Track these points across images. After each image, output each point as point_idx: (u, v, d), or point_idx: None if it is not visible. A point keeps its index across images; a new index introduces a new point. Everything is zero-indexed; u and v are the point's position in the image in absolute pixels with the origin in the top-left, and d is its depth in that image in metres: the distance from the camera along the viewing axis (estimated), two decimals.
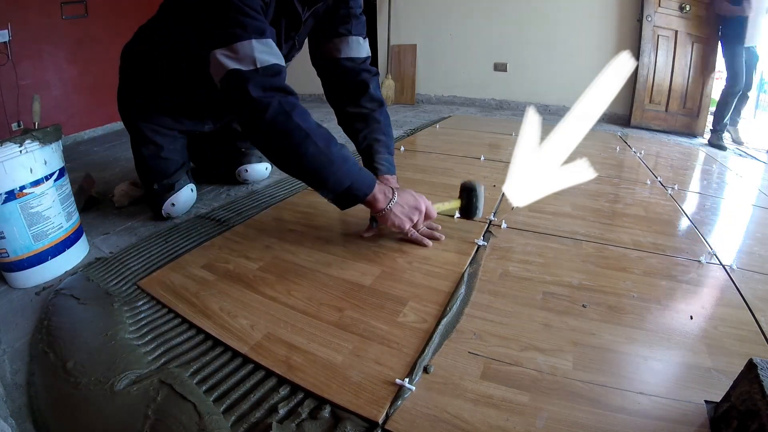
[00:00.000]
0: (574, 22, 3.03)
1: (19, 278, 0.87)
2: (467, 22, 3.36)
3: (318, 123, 0.80)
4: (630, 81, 2.91)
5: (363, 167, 0.85)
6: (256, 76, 0.74)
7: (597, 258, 0.95)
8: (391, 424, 0.52)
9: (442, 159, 1.76)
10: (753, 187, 1.64)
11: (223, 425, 0.53)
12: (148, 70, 1.10)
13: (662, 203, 1.32)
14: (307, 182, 0.83)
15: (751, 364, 0.49)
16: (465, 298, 0.79)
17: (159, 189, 1.16)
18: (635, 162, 1.86)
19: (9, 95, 2.29)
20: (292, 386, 0.59)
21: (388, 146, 1.03)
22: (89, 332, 0.71)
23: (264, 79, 0.75)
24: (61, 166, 0.94)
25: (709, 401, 0.55)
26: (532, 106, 3.40)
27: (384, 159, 1.01)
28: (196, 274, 0.87)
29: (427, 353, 0.64)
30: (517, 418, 0.53)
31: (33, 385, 0.62)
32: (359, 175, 0.82)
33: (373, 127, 1.03)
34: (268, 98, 0.75)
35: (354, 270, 0.88)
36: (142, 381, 0.60)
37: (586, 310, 0.76)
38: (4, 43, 2.23)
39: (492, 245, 1.00)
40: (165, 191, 1.16)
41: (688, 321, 0.73)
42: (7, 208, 0.81)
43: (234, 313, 0.74)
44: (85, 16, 2.60)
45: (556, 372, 0.61)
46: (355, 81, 1.01)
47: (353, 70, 1.01)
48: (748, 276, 0.89)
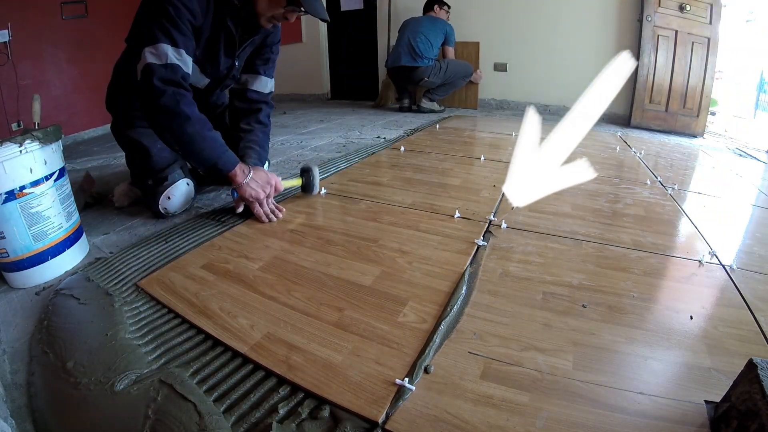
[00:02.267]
0: (574, 22, 3.03)
1: (19, 278, 0.87)
2: (467, 22, 3.36)
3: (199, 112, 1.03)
4: (630, 81, 2.91)
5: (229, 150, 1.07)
6: (161, 70, 0.96)
7: (597, 258, 0.95)
8: (391, 424, 0.52)
9: (442, 159, 1.76)
10: (753, 187, 1.64)
11: (224, 425, 0.53)
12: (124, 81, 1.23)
13: (662, 203, 1.32)
14: (186, 156, 1.09)
15: (751, 364, 0.49)
16: (465, 298, 0.79)
17: (153, 183, 1.18)
18: (635, 162, 1.86)
19: (9, 95, 2.29)
20: (292, 386, 0.59)
21: (260, 154, 1.26)
22: (89, 332, 0.71)
23: (167, 73, 0.96)
24: (61, 166, 0.93)
25: (709, 401, 0.55)
26: (532, 106, 3.41)
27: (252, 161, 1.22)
28: (196, 274, 0.87)
29: (427, 353, 0.64)
30: (517, 418, 0.53)
31: (33, 385, 0.62)
32: (225, 155, 1.06)
33: (252, 140, 1.28)
34: (165, 88, 0.96)
35: (354, 270, 0.88)
36: (143, 381, 0.60)
37: (586, 310, 0.76)
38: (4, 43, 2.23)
39: (492, 245, 1.00)
40: (159, 184, 1.16)
41: (688, 321, 0.73)
42: (7, 208, 0.81)
43: (234, 313, 0.74)
44: (85, 16, 2.60)
45: (556, 372, 0.61)
46: (252, 108, 1.32)
47: (256, 100, 1.32)
48: (748, 276, 0.89)
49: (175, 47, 0.98)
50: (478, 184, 1.44)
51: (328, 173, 1.58)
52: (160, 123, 1.01)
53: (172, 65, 0.97)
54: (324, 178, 1.51)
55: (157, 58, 0.96)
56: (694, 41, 2.65)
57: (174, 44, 0.98)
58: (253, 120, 1.32)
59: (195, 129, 1.00)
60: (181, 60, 0.99)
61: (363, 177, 1.52)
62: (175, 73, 0.98)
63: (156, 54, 0.96)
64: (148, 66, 0.96)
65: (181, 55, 0.99)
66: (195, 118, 1.00)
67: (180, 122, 0.99)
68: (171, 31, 0.97)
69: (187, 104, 0.99)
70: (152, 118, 1.02)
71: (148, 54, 0.96)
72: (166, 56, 0.96)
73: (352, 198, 1.31)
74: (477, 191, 1.37)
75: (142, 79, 0.98)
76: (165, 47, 0.96)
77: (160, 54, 0.96)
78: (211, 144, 1.03)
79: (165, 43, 0.97)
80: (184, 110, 0.98)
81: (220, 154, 1.04)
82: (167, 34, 0.97)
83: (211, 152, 1.03)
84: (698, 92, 2.70)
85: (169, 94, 0.96)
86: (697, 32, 2.60)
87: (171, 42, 0.97)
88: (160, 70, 0.96)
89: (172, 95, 0.97)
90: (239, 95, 1.33)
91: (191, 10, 1.00)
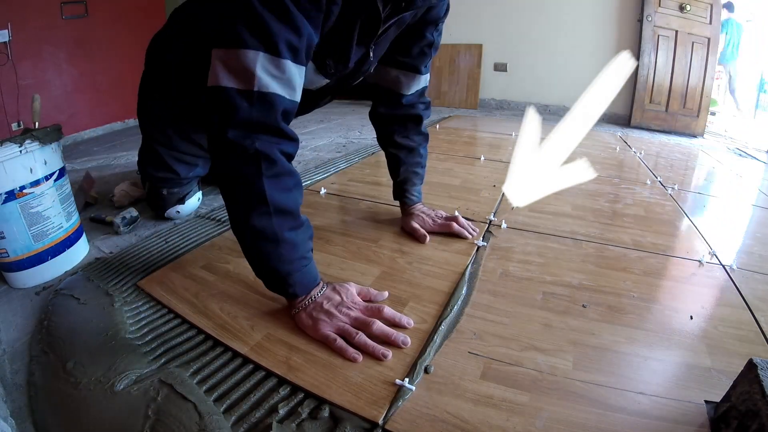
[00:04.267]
0: (575, 22, 3.03)
1: (19, 278, 0.87)
2: (468, 22, 3.36)
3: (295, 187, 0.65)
4: (630, 81, 2.92)
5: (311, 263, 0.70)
6: (244, 106, 0.57)
7: (597, 258, 0.95)
8: (391, 425, 0.52)
9: (442, 159, 1.76)
10: (753, 187, 1.64)
11: (224, 425, 0.53)
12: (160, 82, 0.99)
13: (662, 203, 1.32)
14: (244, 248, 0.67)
15: (751, 364, 0.49)
16: (465, 298, 0.79)
17: (168, 196, 1.14)
18: (635, 162, 1.86)
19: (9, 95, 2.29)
20: (292, 386, 0.59)
21: (422, 177, 1.07)
22: (89, 332, 0.71)
23: (254, 114, 0.58)
24: (61, 166, 0.93)
25: (709, 401, 0.55)
26: (532, 106, 3.41)
27: (417, 190, 1.06)
28: (196, 274, 0.87)
29: (427, 353, 0.64)
30: (517, 418, 0.53)
31: (33, 385, 0.62)
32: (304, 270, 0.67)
33: (416, 161, 1.04)
34: (247, 141, 0.58)
35: (354, 270, 0.88)
36: (143, 381, 0.60)
37: (586, 310, 0.76)
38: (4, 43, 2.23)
39: (492, 245, 1.00)
40: (174, 199, 1.14)
41: (688, 321, 0.73)
42: (7, 208, 0.81)
43: (234, 314, 0.74)
44: (85, 16, 2.60)
45: (556, 372, 0.61)
46: (409, 113, 0.98)
47: (411, 104, 0.98)
48: (748, 276, 0.89)
49: (272, 55, 0.57)
50: (478, 184, 1.44)
51: (328, 173, 1.58)
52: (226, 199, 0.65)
53: (264, 96, 0.57)
54: (324, 178, 1.51)
55: (237, 81, 0.57)
56: (694, 41, 2.66)
57: (271, 49, 0.56)
58: (412, 132, 1.01)
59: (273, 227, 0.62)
60: (282, 79, 0.59)
61: (363, 177, 1.52)
62: (269, 110, 0.59)
63: (236, 71, 0.56)
64: (221, 92, 0.57)
65: (285, 71, 0.58)
66: (279, 207, 0.62)
67: (255, 208, 0.61)
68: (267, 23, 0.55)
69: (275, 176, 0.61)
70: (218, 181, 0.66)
71: (221, 71, 0.57)
72: (255, 78, 0.56)
73: (352, 198, 1.30)
74: (477, 191, 1.37)
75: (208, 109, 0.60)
76: (253, 56, 0.55)
77: (244, 72, 0.56)
78: (288, 253, 0.65)
79: (253, 47, 0.55)
80: (266, 192, 0.60)
81: (298, 268, 0.66)
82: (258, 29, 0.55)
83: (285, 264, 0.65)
84: (698, 92, 2.70)
85: (249, 156, 0.59)
86: (697, 32, 2.60)
87: (265, 45, 0.56)
88: (243, 107, 0.57)
89: (254, 160, 0.59)
90: (389, 101, 0.97)
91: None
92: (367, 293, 0.74)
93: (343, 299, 0.69)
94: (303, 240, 0.67)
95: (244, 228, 0.63)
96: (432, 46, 0.90)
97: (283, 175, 0.63)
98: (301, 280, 0.67)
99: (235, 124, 0.58)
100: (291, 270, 0.65)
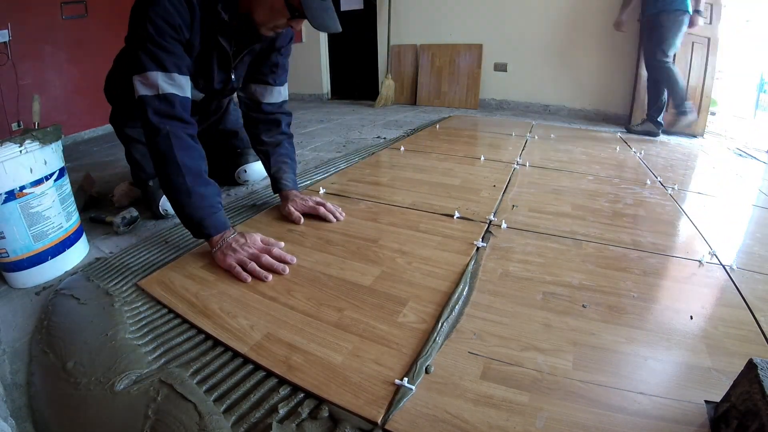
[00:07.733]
0: (575, 22, 3.03)
1: (19, 278, 0.87)
2: (468, 22, 3.36)
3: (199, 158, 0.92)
4: (630, 81, 2.92)
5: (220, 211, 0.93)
6: (155, 102, 0.88)
7: (597, 258, 0.95)
8: (391, 425, 0.52)
9: (442, 159, 1.76)
10: (753, 187, 1.64)
11: (224, 425, 0.53)
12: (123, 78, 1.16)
13: (662, 203, 1.32)
14: (171, 203, 0.92)
15: (751, 364, 0.49)
16: (465, 298, 0.79)
17: (154, 185, 1.20)
18: (635, 162, 1.86)
19: (9, 95, 2.29)
20: (292, 386, 0.59)
21: (293, 168, 1.23)
22: (89, 332, 0.71)
23: (161, 106, 0.88)
24: (61, 166, 0.94)
25: (709, 401, 0.55)
26: (532, 106, 3.41)
27: (288, 178, 1.20)
28: (196, 274, 0.87)
29: (427, 353, 0.64)
30: (517, 418, 0.53)
31: (33, 385, 0.62)
32: (214, 216, 0.91)
33: (283, 152, 1.22)
34: (160, 125, 0.88)
35: (354, 270, 0.88)
36: (143, 381, 0.60)
37: (586, 310, 0.76)
38: (4, 43, 2.23)
39: (492, 245, 1.00)
40: (159, 187, 1.17)
41: (688, 321, 0.73)
42: (7, 208, 0.81)
43: (234, 313, 0.74)
44: (85, 16, 2.60)
45: (556, 372, 0.61)
46: (269, 119, 1.22)
47: (272, 112, 1.22)
48: (748, 276, 0.89)
49: (165, 72, 0.88)
50: (478, 184, 1.44)
51: (328, 173, 1.58)
52: (154, 162, 0.91)
53: (165, 96, 0.88)
54: (324, 178, 1.51)
55: (148, 89, 0.87)
56: (694, 41, 2.65)
57: (163, 69, 0.88)
58: (276, 132, 1.23)
59: (184, 180, 0.87)
60: (174, 85, 0.89)
61: (363, 177, 1.52)
62: (171, 104, 0.89)
63: (146, 84, 0.87)
64: (141, 99, 0.88)
65: (174, 80, 0.89)
66: (188, 168, 0.88)
67: (169, 169, 0.88)
68: (157, 53, 0.87)
69: (183, 147, 0.89)
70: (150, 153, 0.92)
71: (139, 85, 0.87)
72: (157, 86, 0.87)
73: (351, 198, 1.30)
74: (477, 191, 1.37)
75: (138, 111, 0.90)
76: (154, 75, 0.87)
77: (150, 84, 0.87)
78: (198, 202, 0.89)
79: (153, 70, 0.87)
80: (177, 158, 0.87)
81: (208, 214, 0.90)
82: (153, 58, 0.87)
83: (198, 210, 0.89)
84: (698, 92, 2.70)
85: (164, 134, 0.87)
86: (697, 32, 2.60)
87: (159, 67, 0.87)
88: (154, 103, 0.87)
89: (167, 137, 0.87)
90: (253, 107, 1.23)
91: (173, 26, 0.88)
92: (267, 240, 0.96)
93: (246, 241, 0.91)
94: (211, 194, 0.92)
95: (168, 187, 0.90)
96: (277, 65, 1.18)
97: (190, 148, 0.91)
98: (213, 223, 0.90)
99: (153, 115, 0.88)
100: (203, 215, 0.89)
